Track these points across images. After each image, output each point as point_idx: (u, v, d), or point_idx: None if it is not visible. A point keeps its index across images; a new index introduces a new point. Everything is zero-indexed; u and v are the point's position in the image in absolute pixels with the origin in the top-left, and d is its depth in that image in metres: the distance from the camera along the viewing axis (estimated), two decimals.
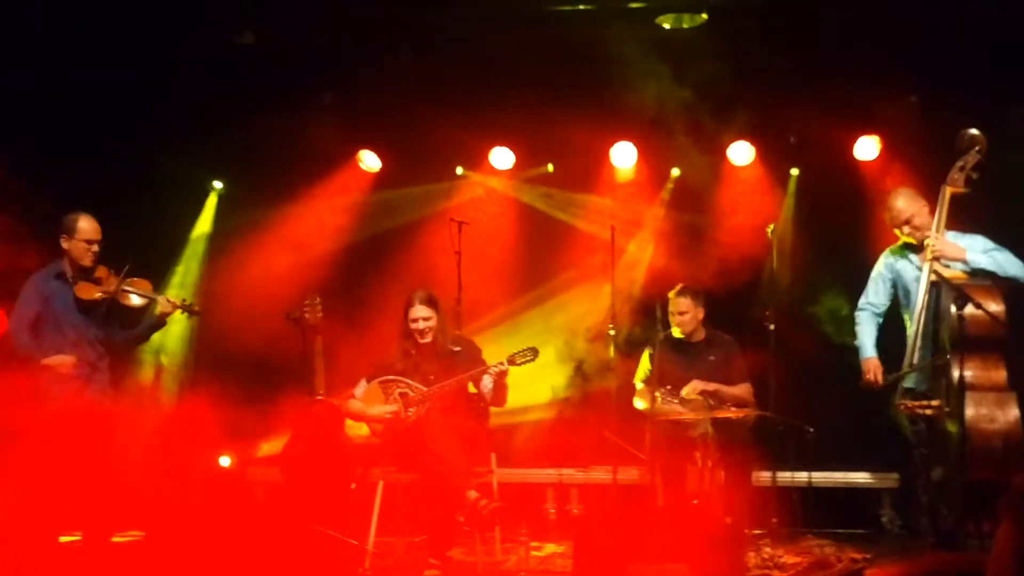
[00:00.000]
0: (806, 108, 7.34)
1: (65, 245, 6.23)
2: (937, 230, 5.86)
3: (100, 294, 6.21)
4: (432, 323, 6.52)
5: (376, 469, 6.42)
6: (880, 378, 6.07)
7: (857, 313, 6.30)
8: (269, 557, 5.59)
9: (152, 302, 6.36)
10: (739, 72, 7.35)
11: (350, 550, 6.41)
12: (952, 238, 5.88)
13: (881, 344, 6.21)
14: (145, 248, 6.70)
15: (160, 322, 6.45)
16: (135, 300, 6.29)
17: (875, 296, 6.25)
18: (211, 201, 8.63)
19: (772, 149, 8.05)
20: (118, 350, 6.46)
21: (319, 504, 6.61)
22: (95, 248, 6.23)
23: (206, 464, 7.86)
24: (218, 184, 8.63)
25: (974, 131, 5.85)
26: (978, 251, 5.81)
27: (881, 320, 6.23)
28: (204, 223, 8.63)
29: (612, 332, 7.23)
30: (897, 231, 6.10)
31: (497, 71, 7.54)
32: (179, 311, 6.42)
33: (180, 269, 8.52)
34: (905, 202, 6.03)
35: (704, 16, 7.04)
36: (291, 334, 6.94)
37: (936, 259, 5.79)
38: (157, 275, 7.57)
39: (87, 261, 6.23)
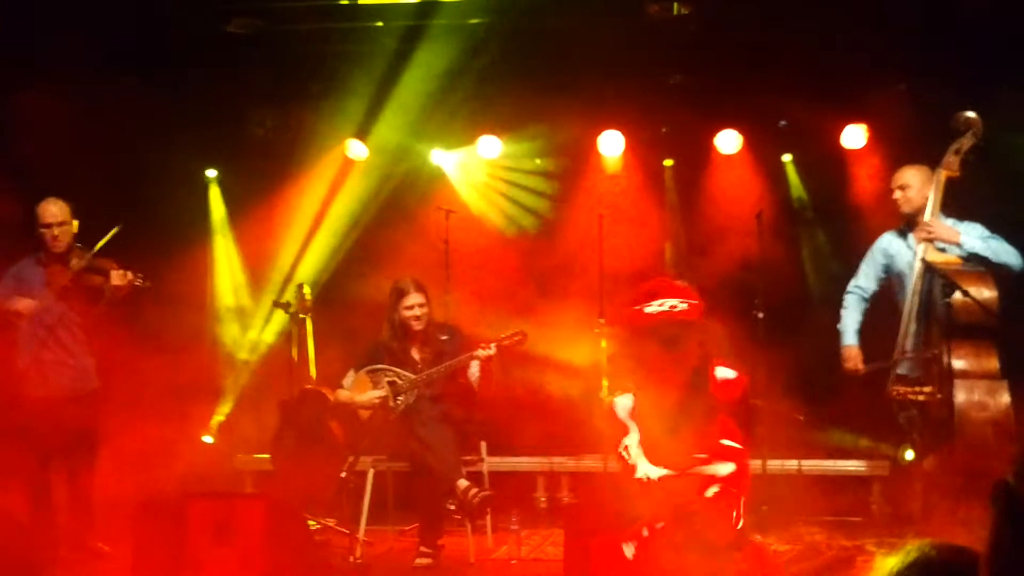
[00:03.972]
0: (794, 96, 7.34)
1: (36, 234, 6.26)
2: (932, 213, 5.84)
3: (68, 277, 6.20)
4: (425, 310, 6.55)
5: (366, 458, 6.41)
6: (860, 366, 6.07)
7: (845, 296, 6.30)
8: (260, 546, 5.57)
9: (109, 278, 6.22)
10: (727, 60, 7.34)
11: (341, 539, 6.41)
12: (950, 224, 5.87)
13: (872, 329, 6.20)
14: (153, 241, 6.70)
15: (114, 297, 6.25)
16: (97, 279, 6.22)
17: (864, 280, 6.24)
18: (214, 191, 8.54)
19: (760, 137, 8.05)
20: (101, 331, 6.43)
21: (309, 493, 6.60)
22: (55, 232, 6.20)
23: (191, 442, 7.83)
24: (211, 173, 8.55)
25: (970, 114, 5.81)
26: (974, 236, 5.79)
27: (867, 305, 6.22)
28: (218, 213, 8.55)
29: (602, 321, 7.21)
30: (894, 195, 6.05)
31: (485, 59, 7.49)
32: (132, 284, 6.27)
33: (221, 260, 8.49)
34: (914, 173, 5.99)
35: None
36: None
37: (930, 241, 5.77)
38: (182, 269, 7.60)
39: (53, 247, 6.23)
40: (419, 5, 7.14)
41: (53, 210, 6.23)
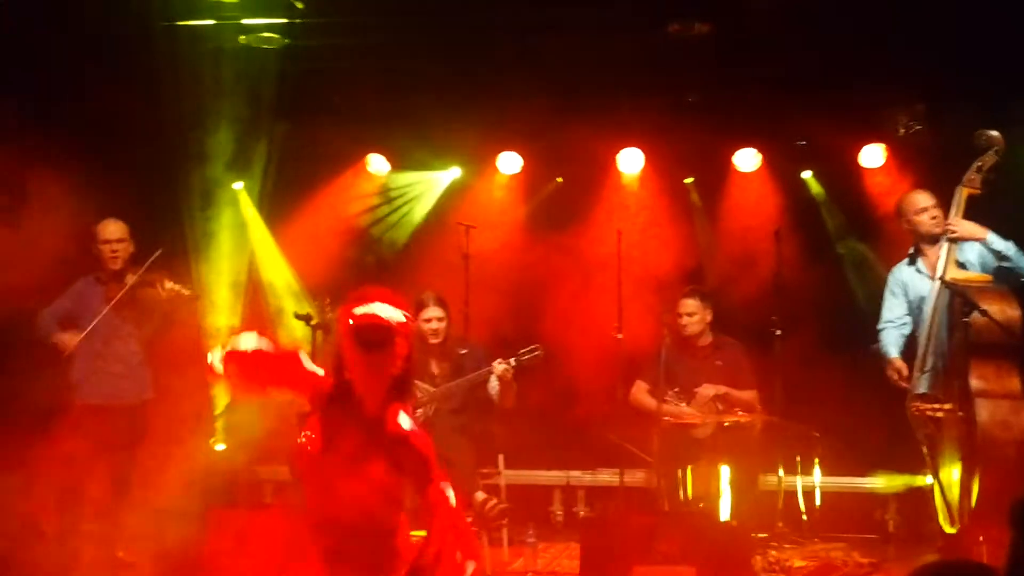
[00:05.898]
0: (812, 115, 7.36)
1: (94, 252, 6.55)
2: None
3: (124, 292, 6.44)
4: (444, 323, 6.59)
5: None
6: (904, 375, 5.97)
7: (879, 333, 6.18)
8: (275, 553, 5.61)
9: (161, 289, 6.49)
10: (746, 79, 7.38)
11: None
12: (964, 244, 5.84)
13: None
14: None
15: (169, 311, 6.56)
16: (150, 292, 6.47)
17: (890, 312, 6.16)
18: (244, 199, 8.56)
19: (778, 156, 8.08)
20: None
21: None
22: (114, 247, 6.51)
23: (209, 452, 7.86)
24: (238, 185, 8.57)
25: (993, 132, 5.77)
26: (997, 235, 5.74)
27: (907, 331, 6.10)
28: (254, 222, 8.59)
29: (620, 336, 7.24)
30: (916, 218, 5.97)
31: (506, 77, 7.54)
32: (184, 298, 6.60)
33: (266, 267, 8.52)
34: (926, 196, 5.97)
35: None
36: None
37: (955, 241, 5.74)
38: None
39: (112, 264, 6.52)
40: (439, 24, 7.18)
41: (112, 228, 6.55)
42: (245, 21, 7.22)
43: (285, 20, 7.19)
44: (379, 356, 3.35)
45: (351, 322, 3.35)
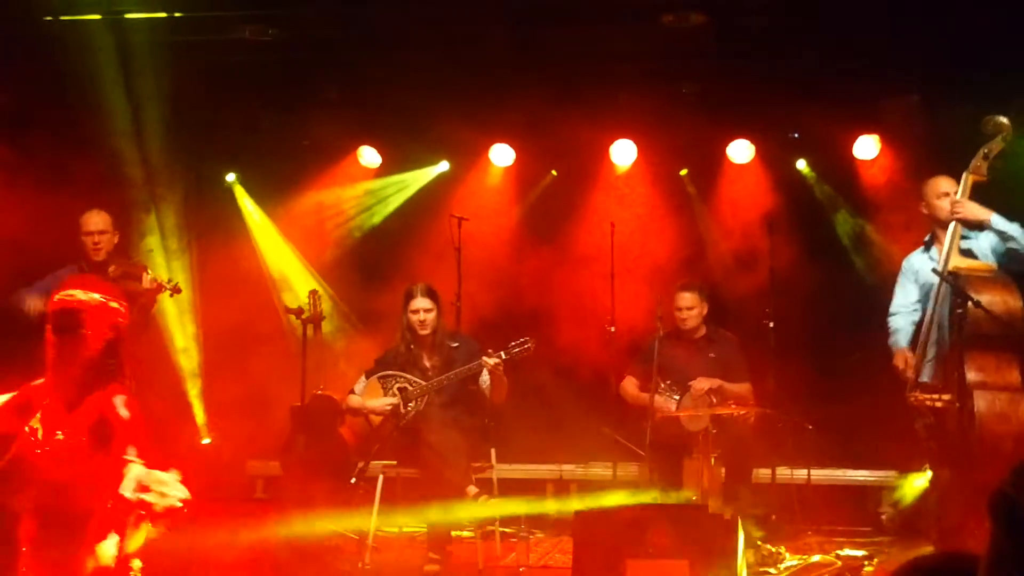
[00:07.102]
0: (807, 106, 7.34)
1: (77, 242, 6.55)
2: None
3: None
4: (432, 315, 6.55)
5: (376, 463, 6.42)
6: (911, 364, 5.78)
7: (889, 319, 6.05)
8: (270, 551, 5.58)
9: (141, 282, 6.49)
10: (740, 70, 7.35)
11: (350, 544, 6.42)
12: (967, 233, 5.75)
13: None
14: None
15: (148, 302, 6.54)
16: (131, 284, 6.40)
17: (903, 298, 6.03)
18: (239, 192, 8.55)
19: (772, 147, 8.05)
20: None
21: (319, 498, 6.61)
22: (96, 239, 6.51)
23: (189, 444, 7.82)
24: (231, 176, 8.54)
25: (1001, 118, 5.61)
26: (1002, 217, 5.62)
27: (917, 317, 5.93)
28: (248, 212, 8.56)
29: (612, 329, 7.22)
30: (936, 202, 5.77)
31: (499, 68, 7.51)
32: (165, 291, 6.62)
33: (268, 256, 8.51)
34: (949, 181, 5.76)
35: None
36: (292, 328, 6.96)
37: (960, 222, 5.59)
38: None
39: (94, 255, 6.52)
40: (433, 16, 7.14)
41: (96, 219, 6.55)
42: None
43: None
44: (70, 339, 3.48)
45: (50, 308, 3.53)
